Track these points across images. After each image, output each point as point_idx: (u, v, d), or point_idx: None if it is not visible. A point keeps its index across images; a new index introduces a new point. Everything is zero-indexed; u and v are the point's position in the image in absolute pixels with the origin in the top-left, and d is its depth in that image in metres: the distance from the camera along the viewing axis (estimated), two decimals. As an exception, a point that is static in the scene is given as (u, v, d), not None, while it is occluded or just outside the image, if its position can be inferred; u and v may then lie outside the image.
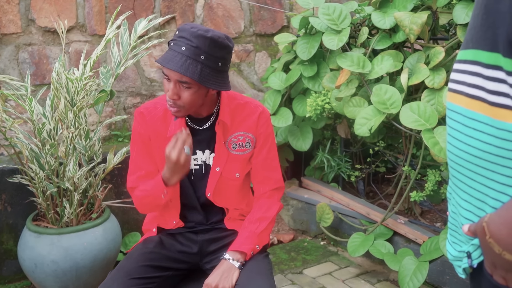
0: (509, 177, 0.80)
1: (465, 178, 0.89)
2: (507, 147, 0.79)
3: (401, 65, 2.38)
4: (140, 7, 3.07)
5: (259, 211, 1.66)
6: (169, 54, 1.43)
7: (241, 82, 3.49)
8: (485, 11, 0.81)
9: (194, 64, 1.40)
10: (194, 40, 1.40)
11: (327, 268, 2.76)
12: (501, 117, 0.80)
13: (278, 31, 3.55)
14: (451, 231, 0.99)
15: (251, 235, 1.59)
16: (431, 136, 2.07)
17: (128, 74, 3.11)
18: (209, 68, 1.43)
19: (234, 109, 1.63)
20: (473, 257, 0.89)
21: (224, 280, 1.48)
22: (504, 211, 0.79)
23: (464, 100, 0.88)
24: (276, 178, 1.71)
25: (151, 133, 1.62)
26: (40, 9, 2.77)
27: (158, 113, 1.62)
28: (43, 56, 2.83)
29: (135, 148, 1.66)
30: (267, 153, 1.67)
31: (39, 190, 2.24)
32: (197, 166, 1.65)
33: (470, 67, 0.87)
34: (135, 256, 1.59)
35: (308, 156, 3.41)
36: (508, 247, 0.76)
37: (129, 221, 2.84)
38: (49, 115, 2.22)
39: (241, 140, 1.64)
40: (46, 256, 2.17)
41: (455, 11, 2.17)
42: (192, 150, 1.51)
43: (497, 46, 0.79)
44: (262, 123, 1.65)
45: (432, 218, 2.93)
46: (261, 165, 1.68)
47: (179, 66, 1.40)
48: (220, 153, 1.62)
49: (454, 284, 2.39)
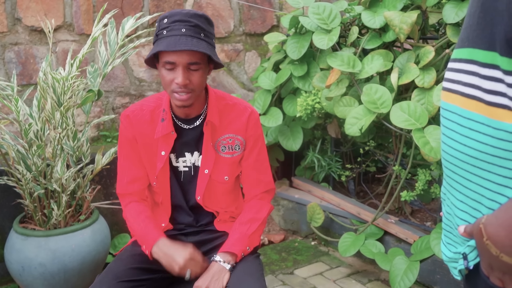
0: (506, 177, 0.79)
1: (461, 179, 0.88)
2: (504, 147, 0.78)
3: (391, 64, 2.38)
4: (128, 6, 3.04)
5: (250, 212, 1.63)
6: (170, 39, 1.38)
7: (231, 81, 3.47)
8: (482, 9, 0.80)
9: (201, 42, 1.40)
10: (191, 20, 1.40)
11: (318, 268, 2.75)
12: (497, 117, 0.79)
13: (268, 30, 3.54)
14: (446, 232, 0.98)
15: (241, 237, 1.57)
16: (421, 136, 2.07)
17: (116, 74, 3.08)
18: (209, 45, 1.44)
19: (223, 109, 1.61)
20: (469, 259, 0.87)
21: (215, 282, 1.46)
22: (502, 213, 0.78)
23: (460, 99, 0.87)
24: (267, 180, 1.69)
25: (137, 136, 1.60)
26: (27, 8, 2.73)
27: (144, 115, 1.59)
28: (30, 56, 2.79)
29: (123, 153, 1.63)
30: (257, 155, 1.65)
31: (26, 192, 2.20)
32: (186, 168, 1.63)
33: (466, 66, 0.85)
34: (123, 259, 1.57)
35: (298, 156, 3.40)
36: (505, 249, 0.75)
37: (118, 223, 2.81)
38: (36, 116, 2.19)
39: (230, 142, 1.61)
40: (34, 258, 2.13)
41: (444, 11, 2.17)
42: (192, 275, 1.49)
43: (494, 45, 0.78)
44: (252, 125, 1.62)
45: (423, 217, 2.94)
46: (251, 168, 1.65)
47: (190, 45, 1.37)
48: (207, 155, 1.60)
49: (445, 283, 2.39)
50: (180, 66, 1.41)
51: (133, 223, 1.61)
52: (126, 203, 1.66)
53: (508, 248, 0.75)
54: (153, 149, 1.60)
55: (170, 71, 1.43)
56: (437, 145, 2.02)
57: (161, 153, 1.58)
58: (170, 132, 1.56)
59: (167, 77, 1.43)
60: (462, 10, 2.12)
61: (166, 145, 1.58)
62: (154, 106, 1.60)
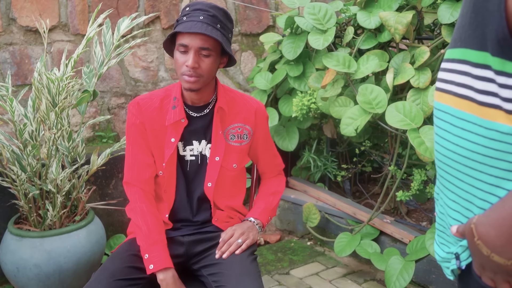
0: (497, 177, 0.80)
1: (453, 178, 0.88)
2: (495, 147, 0.79)
3: (387, 64, 2.39)
4: (124, 6, 3.03)
5: (273, 186, 1.81)
6: (188, 24, 1.48)
7: (227, 82, 3.47)
8: (474, 10, 0.80)
9: (215, 30, 1.48)
10: (210, 10, 1.49)
11: (314, 268, 2.75)
12: (489, 117, 0.79)
13: (264, 30, 3.54)
14: (439, 232, 0.98)
15: (267, 208, 1.74)
16: (417, 136, 2.07)
17: (112, 74, 3.07)
18: (224, 37, 1.51)
19: (231, 100, 1.67)
20: (461, 259, 0.88)
21: (249, 231, 1.63)
22: (493, 213, 0.78)
23: (453, 99, 0.87)
24: (279, 162, 1.86)
25: (147, 123, 1.61)
26: (22, 8, 2.72)
27: (154, 103, 1.62)
28: (25, 56, 2.78)
29: (131, 141, 1.64)
30: (266, 142, 1.77)
31: (21, 193, 2.19)
32: (193, 158, 1.64)
33: (458, 66, 0.86)
34: (120, 257, 1.56)
35: (294, 156, 3.41)
36: (496, 249, 0.76)
37: (114, 223, 2.80)
38: (30, 116, 2.18)
39: (239, 131, 1.67)
40: (29, 260, 2.13)
41: (439, 11, 2.18)
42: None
43: (486, 45, 0.78)
44: (260, 116, 1.72)
45: (418, 217, 2.94)
46: (265, 154, 1.79)
47: (203, 30, 1.45)
48: (217, 142, 1.63)
49: (440, 283, 2.40)
50: (192, 50, 1.48)
51: (141, 224, 1.58)
52: (133, 192, 1.62)
53: (499, 248, 0.75)
54: (162, 136, 1.61)
55: (183, 54, 1.50)
56: (432, 145, 2.02)
57: (170, 140, 1.60)
58: (181, 120, 1.60)
59: (179, 59, 1.51)
60: (457, 11, 2.13)
61: (175, 132, 1.60)
62: (163, 95, 1.65)
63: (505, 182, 0.79)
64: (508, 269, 0.77)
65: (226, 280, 1.49)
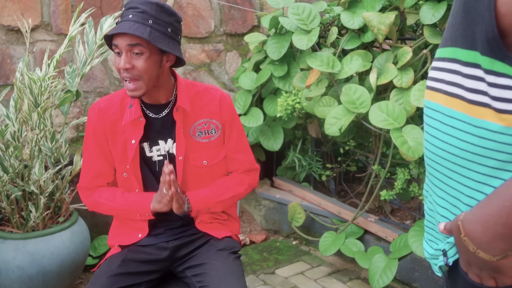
0: (485, 175, 0.81)
1: (442, 176, 0.90)
2: (484, 145, 0.80)
3: (370, 65, 2.41)
4: (107, 5, 3.01)
5: (231, 181, 1.68)
6: (118, 25, 1.44)
7: (212, 82, 3.47)
8: (464, 9, 0.81)
9: (143, 27, 1.41)
10: (140, 6, 1.43)
11: (299, 267, 2.76)
12: (479, 115, 0.80)
13: (249, 30, 3.54)
14: (428, 229, 1.00)
15: (210, 198, 1.62)
16: (400, 135, 2.09)
17: (96, 74, 3.05)
18: (158, 32, 1.44)
19: (194, 96, 1.62)
20: (448, 255, 0.89)
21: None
22: (479, 210, 0.79)
23: (443, 98, 0.88)
24: (249, 159, 1.73)
25: (108, 128, 1.58)
26: (3, 8, 2.69)
27: (113, 106, 1.59)
28: (7, 56, 2.74)
29: (88, 147, 1.62)
30: (236, 137, 1.68)
31: (3, 194, 2.17)
32: (161, 157, 1.62)
33: (448, 65, 0.87)
34: (100, 282, 1.51)
35: (279, 156, 3.41)
36: (482, 245, 0.77)
37: (98, 224, 2.78)
38: (13, 117, 2.16)
39: (206, 127, 1.62)
40: (11, 261, 2.10)
41: (422, 12, 2.20)
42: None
43: (476, 44, 0.79)
44: (226, 108, 1.64)
45: (402, 216, 2.97)
46: (234, 151, 1.68)
47: (126, 29, 1.40)
48: (180, 141, 1.59)
49: (424, 281, 2.42)
50: (123, 50, 1.44)
51: (111, 201, 1.60)
52: (88, 194, 1.64)
53: (485, 245, 0.76)
54: (124, 138, 1.58)
55: (118, 56, 1.46)
56: (415, 145, 2.05)
57: (131, 141, 1.57)
58: (139, 118, 1.56)
59: (116, 63, 1.47)
60: (439, 11, 2.15)
61: (135, 133, 1.57)
62: (123, 95, 1.61)
63: (493, 179, 0.80)
64: (493, 265, 0.78)
65: (209, 281, 1.48)
